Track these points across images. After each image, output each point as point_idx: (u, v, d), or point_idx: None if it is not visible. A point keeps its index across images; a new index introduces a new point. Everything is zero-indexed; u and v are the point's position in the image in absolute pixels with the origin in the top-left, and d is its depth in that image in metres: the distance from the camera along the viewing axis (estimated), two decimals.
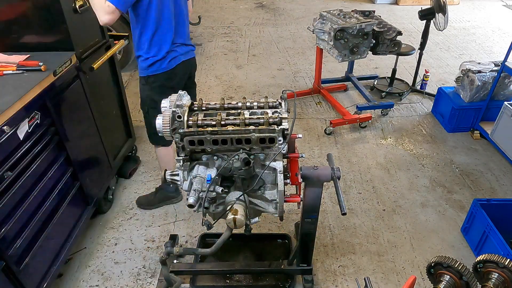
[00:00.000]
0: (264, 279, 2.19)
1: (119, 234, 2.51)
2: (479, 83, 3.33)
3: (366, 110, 3.70)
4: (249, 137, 1.43)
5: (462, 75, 3.50)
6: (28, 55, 2.01)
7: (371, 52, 3.48)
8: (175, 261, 2.17)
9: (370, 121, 3.66)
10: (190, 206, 1.45)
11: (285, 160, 1.65)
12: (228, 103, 1.62)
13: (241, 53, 5.17)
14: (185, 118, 1.48)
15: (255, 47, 5.36)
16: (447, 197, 2.85)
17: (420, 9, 3.90)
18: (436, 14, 3.79)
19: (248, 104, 1.60)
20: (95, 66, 2.31)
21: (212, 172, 1.54)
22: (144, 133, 2.55)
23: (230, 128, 1.45)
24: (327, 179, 1.64)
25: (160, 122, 1.45)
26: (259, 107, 1.60)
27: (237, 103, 1.62)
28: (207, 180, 1.50)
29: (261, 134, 1.44)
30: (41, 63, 1.89)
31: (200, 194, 1.49)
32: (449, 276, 1.09)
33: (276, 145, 1.48)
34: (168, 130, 1.45)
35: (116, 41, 2.65)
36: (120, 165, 2.85)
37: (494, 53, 5.24)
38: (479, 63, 3.48)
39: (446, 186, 2.95)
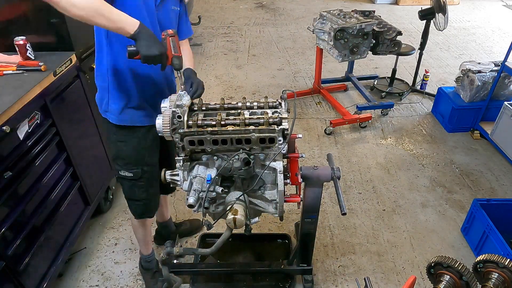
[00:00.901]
0: (264, 279, 2.19)
1: (119, 234, 2.51)
2: (479, 83, 3.33)
3: (366, 110, 3.70)
4: (249, 137, 1.43)
5: (462, 75, 3.50)
6: None
7: (371, 52, 3.48)
8: (175, 261, 2.17)
9: (370, 121, 3.66)
10: (190, 206, 1.45)
11: (285, 160, 1.65)
12: (228, 103, 1.61)
13: (241, 53, 5.17)
14: (185, 118, 1.48)
15: (255, 47, 5.36)
16: (447, 197, 2.85)
17: (420, 9, 3.90)
18: (436, 14, 3.79)
19: (248, 104, 1.60)
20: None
21: (212, 172, 1.54)
22: None
23: (230, 128, 1.45)
24: (327, 179, 1.64)
25: (160, 122, 1.45)
26: (259, 107, 1.60)
27: (237, 103, 1.62)
28: (207, 180, 1.50)
29: (261, 134, 1.44)
30: (41, 63, 1.89)
31: (200, 194, 1.48)
32: (449, 276, 1.09)
33: (276, 145, 1.47)
34: (168, 130, 1.45)
35: None
36: None
37: (494, 53, 5.24)
38: (479, 63, 3.48)
39: (446, 186, 2.95)
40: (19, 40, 1.92)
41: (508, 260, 1.05)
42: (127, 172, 1.79)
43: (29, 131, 1.81)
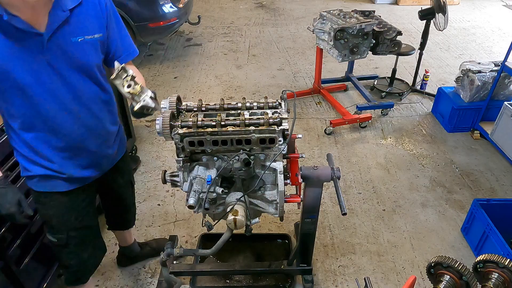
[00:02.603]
0: (264, 279, 2.20)
1: None
2: (479, 83, 3.33)
3: (366, 110, 3.69)
4: (249, 137, 1.44)
5: (462, 75, 3.50)
6: None
7: (371, 52, 3.48)
8: (175, 262, 2.17)
9: (370, 121, 3.66)
10: (191, 207, 1.45)
11: (285, 160, 1.65)
12: (228, 104, 1.62)
13: (241, 53, 5.17)
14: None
15: (255, 47, 5.36)
16: (447, 197, 2.85)
17: (420, 9, 3.90)
18: (436, 14, 3.79)
19: (248, 104, 1.60)
20: None
21: (212, 173, 1.54)
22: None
23: (230, 128, 1.45)
24: (327, 179, 1.64)
25: (160, 122, 1.45)
26: (259, 108, 1.60)
27: (237, 103, 1.62)
28: (207, 181, 1.50)
29: (261, 135, 1.44)
30: None
31: (201, 195, 1.49)
32: (449, 276, 1.09)
33: (276, 145, 1.48)
34: (168, 130, 1.45)
35: None
36: None
37: (494, 53, 5.23)
38: (479, 63, 3.48)
39: (446, 186, 2.95)
40: None
41: (508, 260, 1.05)
42: (51, 237, 1.55)
43: None
